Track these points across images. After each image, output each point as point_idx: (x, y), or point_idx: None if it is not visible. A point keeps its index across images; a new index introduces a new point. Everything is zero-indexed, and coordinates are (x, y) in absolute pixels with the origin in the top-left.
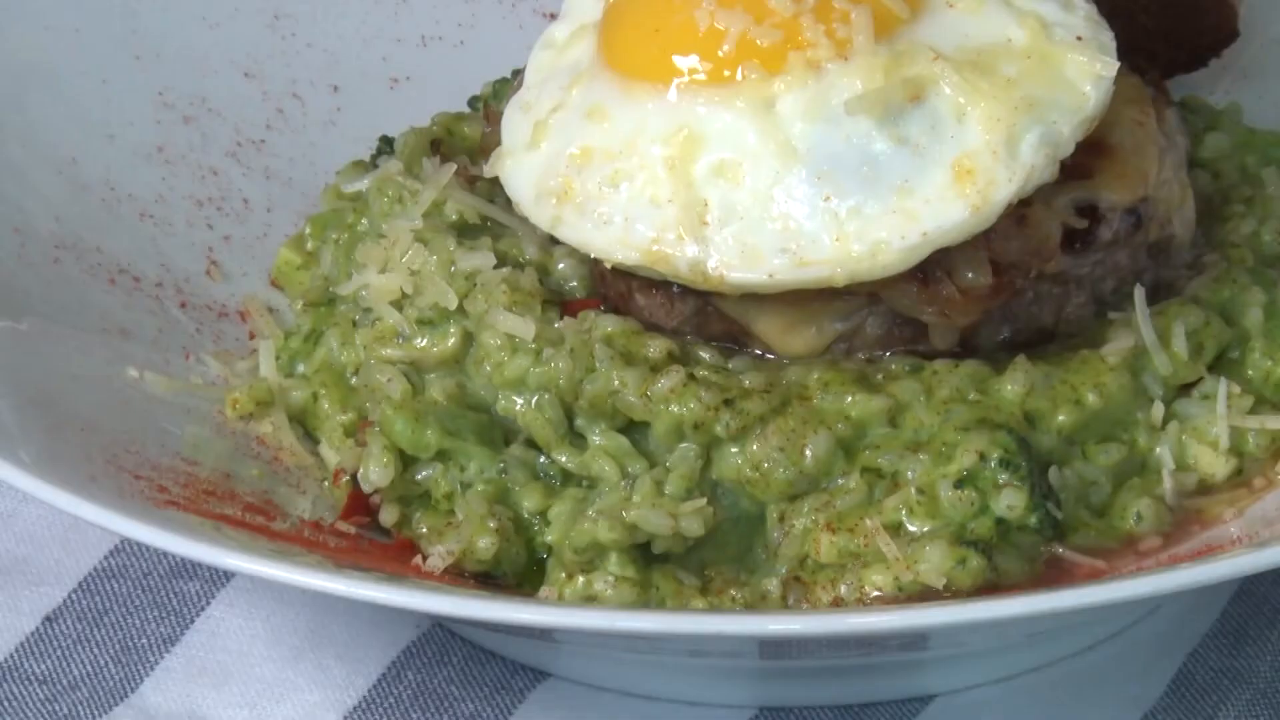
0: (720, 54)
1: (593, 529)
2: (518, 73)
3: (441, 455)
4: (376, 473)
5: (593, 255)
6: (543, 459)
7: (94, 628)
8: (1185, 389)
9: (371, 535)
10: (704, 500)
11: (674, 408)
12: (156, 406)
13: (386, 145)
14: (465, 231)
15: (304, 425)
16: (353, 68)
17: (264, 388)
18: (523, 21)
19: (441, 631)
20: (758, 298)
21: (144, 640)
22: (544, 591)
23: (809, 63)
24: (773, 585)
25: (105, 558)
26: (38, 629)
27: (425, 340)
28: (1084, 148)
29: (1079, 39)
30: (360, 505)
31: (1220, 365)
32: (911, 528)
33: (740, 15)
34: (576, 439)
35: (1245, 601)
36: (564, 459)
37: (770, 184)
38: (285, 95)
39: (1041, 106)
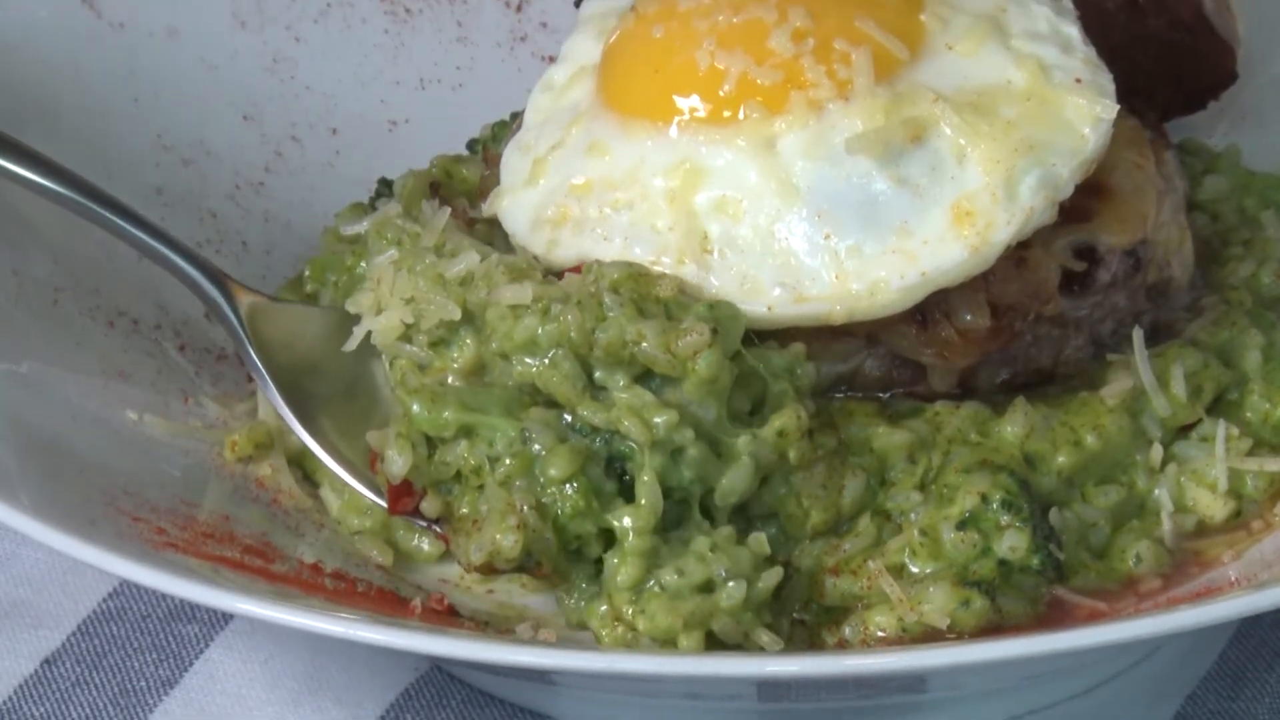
0: (721, 94)
1: (670, 623)
2: (516, 115)
3: (466, 432)
4: (396, 462)
5: None
6: (568, 417)
7: (93, 671)
8: (1184, 431)
9: (418, 522)
10: (781, 640)
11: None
12: (155, 449)
13: (385, 188)
14: (441, 250)
15: (303, 468)
16: (351, 111)
17: (263, 430)
18: (521, 64)
19: (440, 674)
20: (760, 337)
21: (143, 683)
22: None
23: (810, 102)
24: (782, 627)
25: (104, 600)
26: (36, 672)
27: (444, 359)
28: (1083, 190)
29: (1078, 81)
30: (407, 492)
31: (1219, 407)
32: (914, 569)
33: (740, 56)
34: (598, 391)
35: (1244, 644)
36: (587, 414)
37: (771, 221)
38: (284, 138)
39: (1041, 149)
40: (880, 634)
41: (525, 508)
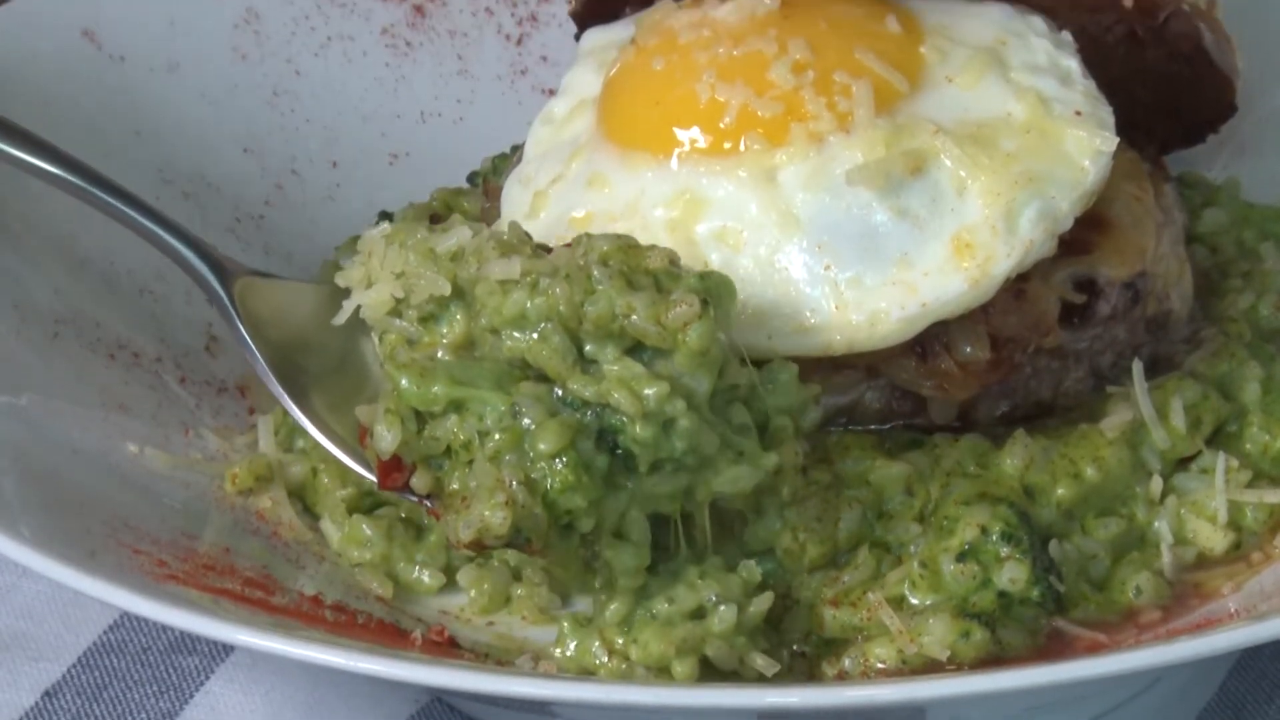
0: (722, 126)
1: (663, 650)
2: (517, 148)
3: (456, 406)
4: (384, 438)
5: None
6: (558, 390)
7: (93, 703)
8: (1183, 463)
9: (408, 496)
10: (777, 664)
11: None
12: (156, 481)
13: (386, 220)
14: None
15: (303, 500)
16: (352, 144)
17: (263, 463)
18: (521, 98)
19: (440, 706)
20: (755, 362)
21: (143, 715)
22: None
23: (810, 134)
24: (781, 658)
25: (104, 632)
26: (37, 704)
27: (434, 334)
28: (1082, 222)
29: (1078, 114)
30: (397, 467)
31: (1218, 439)
32: (914, 601)
33: (741, 88)
34: (589, 364)
35: (1244, 675)
36: (577, 387)
37: (771, 252)
38: (284, 171)
39: (1040, 181)
40: (880, 665)
41: (514, 484)
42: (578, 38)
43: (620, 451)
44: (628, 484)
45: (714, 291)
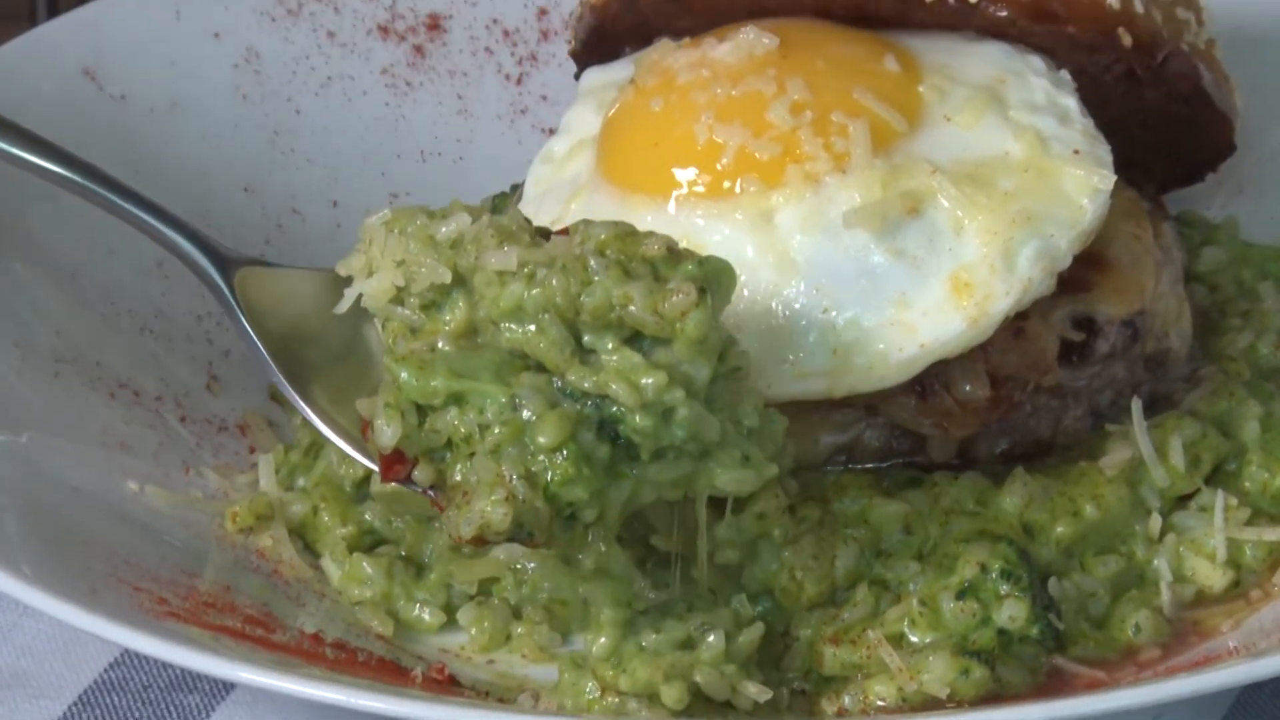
0: (719, 167)
1: (651, 676)
2: (517, 187)
3: (456, 399)
4: (384, 432)
5: None
6: (559, 381)
7: None
8: (1183, 501)
9: (413, 488)
10: (769, 691)
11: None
12: (157, 519)
13: None
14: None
15: (304, 538)
16: (352, 183)
17: (264, 501)
18: (521, 137)
19: None
20: None
21: None
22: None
23: (807, 176)
24: (782, 697)
25: (105, 670)
26: None
27: (436, 322)
28: (1081, 261)
29: (1076, 152)
30: (399, 460)
31: (1217, 478)
32: (914, 639)
33: (738, 129)
34: (588, 355)
35: (1244, 713)
36: (576, 379)
37: (769, 295)
38: (285, 210)
39: (1039, 220)
40: (880, 703)
41: (514, 478)
42: (577, 77)
43: (622, 441)
44: (631, 472)
45: (712, 277)
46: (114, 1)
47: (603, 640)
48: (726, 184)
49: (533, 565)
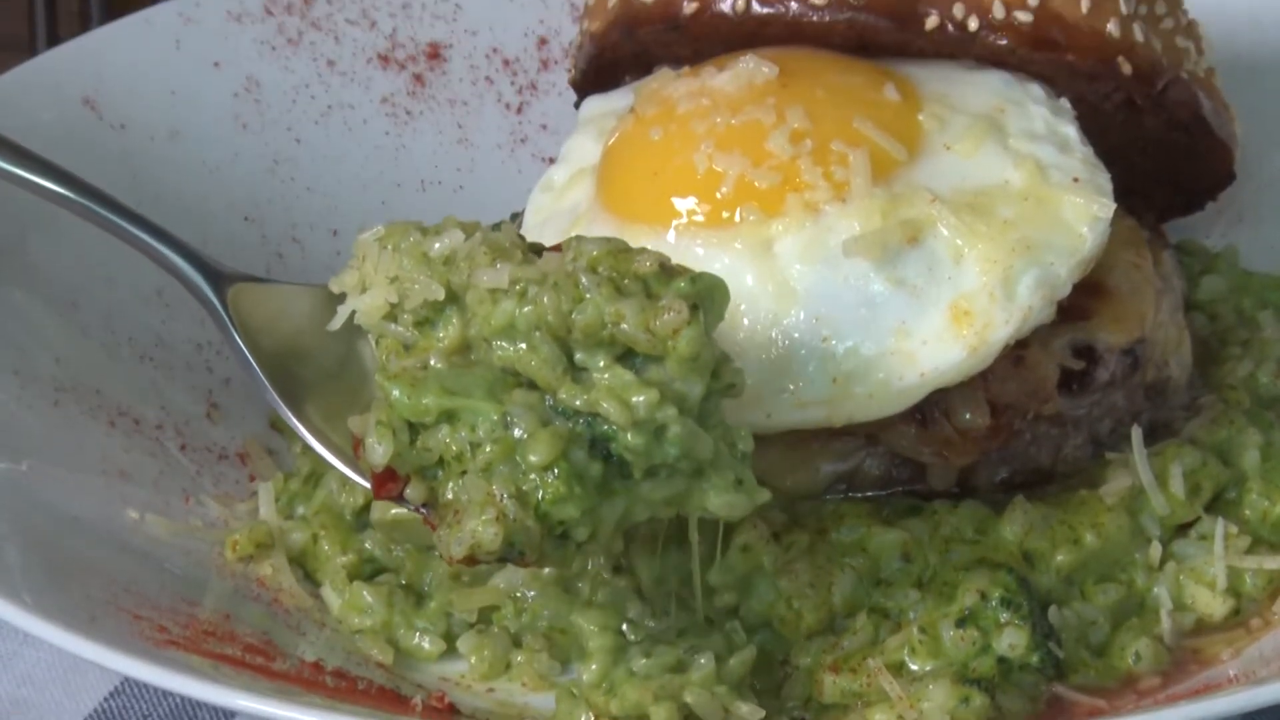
0: (718, 196)
1: (640, 698)
2: (516, 216)
3: (448, 417)
4: (376, 450)
5: None
6: (550, 399)
7: None
8: (1183, 529)
9: (406, 507)
10: (762, 711)
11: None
12: (157, 548)
13: None
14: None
15: (303, 567)
16: (352, 212)
17: (264, 530)
18: (521, 166)
19: None
20: (756, 437)
21: None
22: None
23: (807, 205)
24: None
25: (105, 699)
26: None
27: (430, 339)
28: (1081, 289)
29: (1076, 181)
30: (391, 478)
31: (1217, 506)
32: (914, 667)
33: (738, 158)
34: (580, 372)
35: None
36: (567, 397)
37: (769, 324)
38: (285, 239)
39: (1038, 248)
40: None
41: (505, 497)
42: (577, 106)
43: (614, 459)
44: (623, 491)
45: (705, 295)
46: (114, 31)
47: (594, 667)
48: (726, 213)
49: (532, 593)
